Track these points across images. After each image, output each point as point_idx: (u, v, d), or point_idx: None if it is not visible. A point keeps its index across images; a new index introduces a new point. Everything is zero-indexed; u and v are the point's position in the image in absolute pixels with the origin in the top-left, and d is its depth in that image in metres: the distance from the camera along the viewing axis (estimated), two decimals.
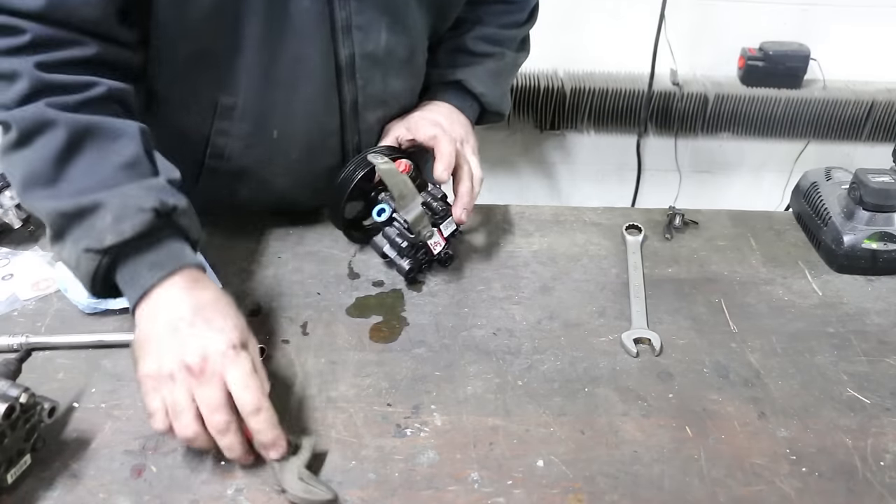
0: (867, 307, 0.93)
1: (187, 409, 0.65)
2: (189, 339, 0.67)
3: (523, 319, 0.89)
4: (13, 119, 0.73)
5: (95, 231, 0.70)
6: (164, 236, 0.73)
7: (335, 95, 0.93)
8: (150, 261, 0.72)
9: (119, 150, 0.75)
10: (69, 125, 0.73)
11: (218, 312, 0.70)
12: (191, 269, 0.72)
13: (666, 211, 1.11)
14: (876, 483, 0.69)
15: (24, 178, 0.74)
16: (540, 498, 0.67)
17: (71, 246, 0.72)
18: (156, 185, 0.74)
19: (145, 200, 0.71)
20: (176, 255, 0.73)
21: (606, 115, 2.17)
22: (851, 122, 2.15)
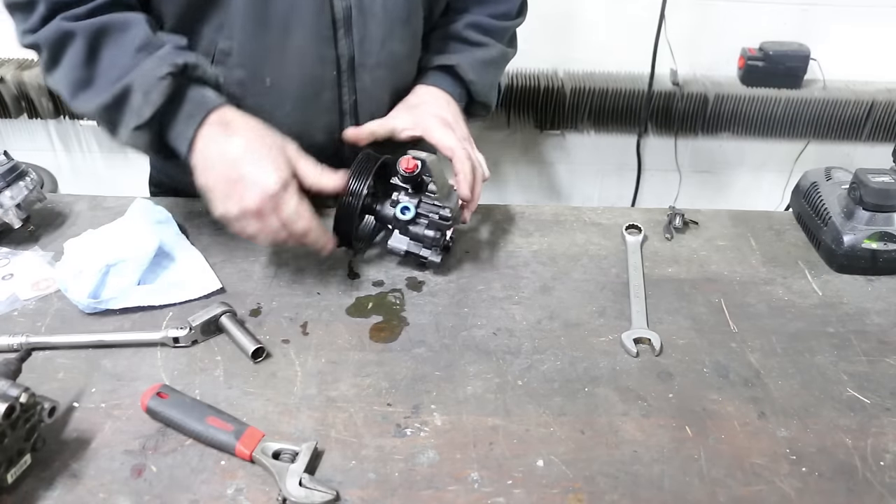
0: (867, 307, 0.93)
1: (261, 236, 0.84)
2: (242, 190, 0.81)
3: (523, 319, 0.89)
4: (40, 39, 0.86)
5: (134, 110, 0.84)
6: (187, 90, 0.86)
7: (331, 49, 0.95)
8: (185, 114, 0.85)
9: (132, 38, 0.86)
10: (84, 30, 0.85)
11: (254, 160, 0.82)
12: (219, 111, 0.86)
13: (666, 211, 1.11)
14: (876, 483, 0.69)
15: (69, 90, 0.87)
16: (540, 498, 0.67)
17: (124, 131, 0.86)
18: (164, 53, 0.85)
19: (160, 68, 0.83)
20: (201, 102, 0.86)
21: (606, 115, 2.17)
22: (851, 122, 2.15)
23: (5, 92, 2.08)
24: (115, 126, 0.87)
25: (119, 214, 0.99)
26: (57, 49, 0.86)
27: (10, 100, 2.09)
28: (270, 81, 0.96)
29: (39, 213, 1.04)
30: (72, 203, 1.08)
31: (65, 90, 0.88)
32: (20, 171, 0.98)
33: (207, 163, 0.84)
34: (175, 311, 0.88)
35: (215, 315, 0.83)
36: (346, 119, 1.03)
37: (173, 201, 1.10)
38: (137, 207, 1.02)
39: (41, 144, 2.34)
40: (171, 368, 0.80)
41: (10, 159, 0.98)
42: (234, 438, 0.69)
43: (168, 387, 0.74)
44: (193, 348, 0.82)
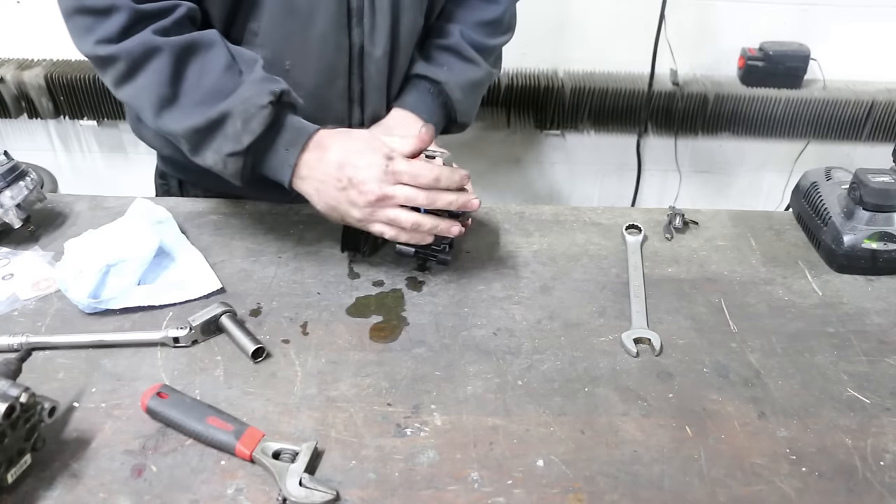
0: (867, 307, 0.93)
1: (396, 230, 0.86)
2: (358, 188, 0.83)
3: (523, 319, 0.89)
4: (121, 51, 0.84)
5: (231, 136, 0.84)
6: (285, 119, 0.87)
7: (345, 38, 0.98)
8: (285, 142, 0.87)
9: (214, 58, 0.86)
10: (172, 47, 0.84)
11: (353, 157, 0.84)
12: (315, 136, 0.87)
13: (666, 211, 1.11)
14: (876, 483, 0.69)
15: (153, 107, 0.86)
16: (540, 498, 0.67)
17: (213, 154, 0.86)
18: (258, 78, 0.86)
19: (260, 97, 0.84)
20: (300, 129, 0.88)
21: (606, 115, 2.17)
22: (851, 122, 2.15)
23: (5, 92, 2.08)
24: (202, 148, 0.87)
25: (119, 214, 0.99)
26: (138, 64, 0.85)
27: (10, 100, 2.09)
28: (290, 65, 0.97)
29: (39, 213, 1.04)
30: (72, 203, 1.08)
31: (147, 106, 0.87)
32: (20, 171, 0.98)
33: (318, 185, 0.86)
34: (175, 311, 0.88)
35: (215, 315, 0.83)
36: (354, 107, 1.06)
37: (173, 201, 1.10)
38: (137, 207, 1.02)
39: (41, 144, 2.34)
40: (171, 368, 0.80)
41: (10, 159, 0.98)
42: (234, 438, 0.69)
43: (168, 387, 0.74)
44: (193, 348, 0.82)
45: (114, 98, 2.07)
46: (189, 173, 1.15)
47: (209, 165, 0.88)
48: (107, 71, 0.87)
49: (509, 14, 1.16)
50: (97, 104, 2.11)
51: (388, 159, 0.84)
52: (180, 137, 0.88)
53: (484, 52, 1.12)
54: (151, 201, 1.06)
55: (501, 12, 1.14)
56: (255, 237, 1.02)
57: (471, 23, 1.11)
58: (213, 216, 1.07)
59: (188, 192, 1.19)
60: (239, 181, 0.89)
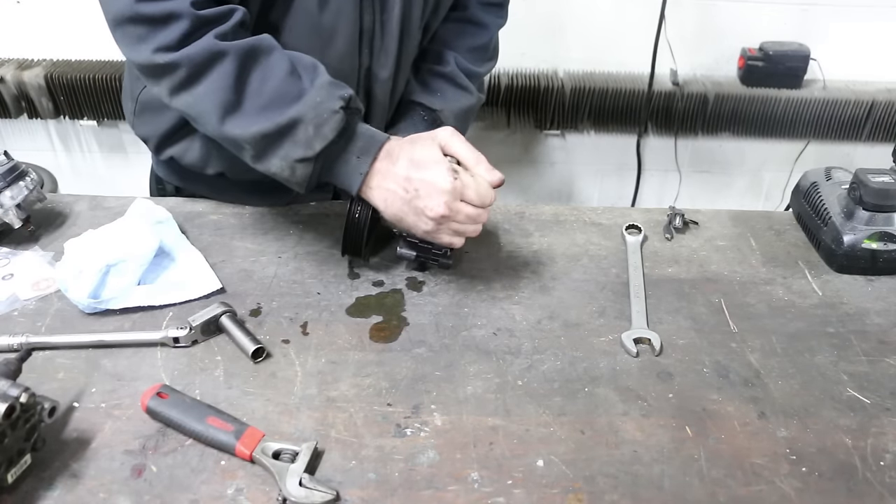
0: (867, 307, 0.93)
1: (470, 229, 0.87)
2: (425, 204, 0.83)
3: (523, 319, 0.89)
4: (183, 58, 0.82)
5: (302, 142, 0.83)
6: (354, 124, 0.86)
7: (356, 58, 0.98)
8: (358, 149, 0.86)
9: (276, 63, 0.84)
10: (235, 52, 0.82)
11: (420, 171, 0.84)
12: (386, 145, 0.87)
13: (666, 211, 1.11)
14: (876, 483, 0.69)
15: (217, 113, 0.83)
16: (540, 498, 0.67)
17: (279, 161, 0.84)
18: (327, 82, 0.85)
19: (332, 102, 0.83)
20: (372, 137, 0.87)
21: (606, 115, 2.17)
22: (851, 122, 2.15)
23: (5, 92, 2.08)
24: (268, 154, 0.85)
25: (119, 214, 0.99)
26: (200, 70, 0.82)
27: (10, 100, 2.09)
28: None
29: (39, 213, 1.04)
30: (72, 203, 1.08)
31: (210, 112, 0.84)
32: (20, 171, 0.98)
33: (386, 195, 0.86)
34: (175, 311, 0.88)
35: (215, 315, 0.83)
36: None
37: (173, 201, 1.10)
38: (137, 207, 1.02)
39: (41, 144, 2.34)
40: (171, 368, 0.80)
41: (10, 159, 0.98)
42: (234, 438, 0.69)
43: (168, 387, 0.74)
44: (193, 348, 0.82)
45: (114, 98, 2.07)
46: (187, 181, 1.14)
47: (274, 172, 0.86)
48: (163, 79, 0.85)
49: (495, 41, 1.18)
50: (97, 104, 2.11)
51: (454, 173, 0.84)
52: (245, 144, 0.85)
53: (474, 79, 1.14)
54: (151, 201, 1.06)
55: (489, 38, 1.16)
56: (255, 237, 1.02)
57: (463, 49, 1.13)
58: (213, 216, 1.07)
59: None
60: (304, 189, 0.87)
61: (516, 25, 1.21)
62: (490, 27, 1.16)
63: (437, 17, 1.09)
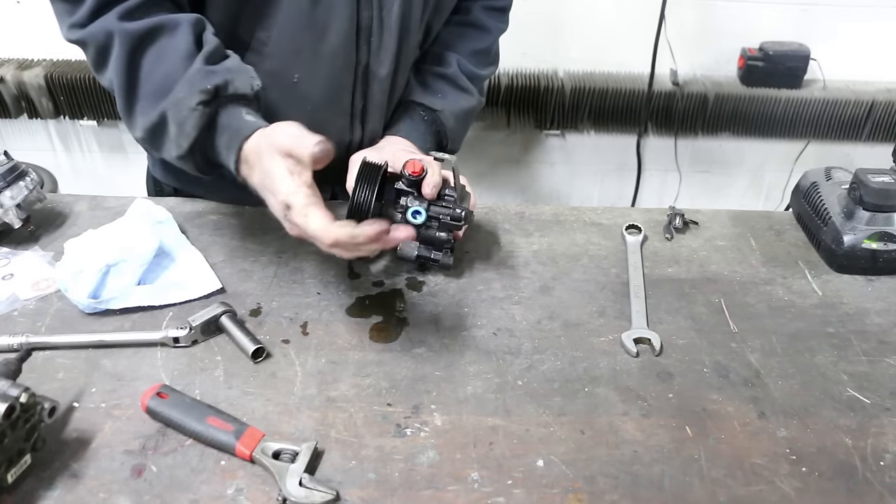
0: (867, 307, 0.93)
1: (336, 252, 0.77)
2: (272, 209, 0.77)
3: (523, 319, 0.89)
4: (87, 36, 0.81)
5: (173, 140, 0.80)
6: (220, 118, 0.81)
7: (353, 55, 0.98)
8: (223, 144, 0.81)
9: (175, 45, 0.80)
10: (128, 33, 0.79)
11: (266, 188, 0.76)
12: (245, 147, 0.79)
13: (666, 211, 1.11)
14: (876, 483, 0.69)
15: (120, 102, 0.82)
16: (540, 498, 0.67)
17: (167, 154, 0.83)
18: (194, 73, 0.79)
19: (191, 98, 0.78)
20: (236, 130, 0.80)
21: (606, 115, 2.17)
22: (851, 122, 2.15)
23: (5, 92, 2.08)
24: (158, 149, 0.84)
25: (119, 214, 0.99)
26: (102, 51, 0.81)
27: (10, 100, 2.09)
28: (298, 78, 0.97)
29: (39, 213, 1.04)
30: (72, 203, 1.08)
31: (118, 97, 0.83)
32: (20, 171, 0.98)
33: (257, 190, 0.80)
34: (175, 311, 0.88)
35: (215, 315, 0.83)
36: (356, 123, 1.06)
37: (173, 201, 1.10)
38: (137, 207, 1.02)
39: (41, 144, 2.34)
40: (171, 368, 0.80)
41: (10, 159, 0.98)
42: (234, 438, 0.69)
43: (168, 387, 0.74)
44: (193, 348, 0.82)
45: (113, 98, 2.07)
46: (183, 181, 1.14)
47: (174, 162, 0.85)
48: (87, 57, 0.85)
49: (496, 46, 1.19)
50: (97, 104, 2.11)
51: (286, 208, 0.74)
52: (137, 135, 0.84)
53: (475, 82, 1.14)
54: (151, 201, 1.06)
55: (492, 42, 1.17)
56: (255, 237, 1.02)
57: (465, 52, 1.13)
58: (213, 216, 1.07)
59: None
60: (203, 175, 0.85)
61: (516, 25, 1.21)
62: (492, 31, 1.16)
63: (439, 17, 1.09)
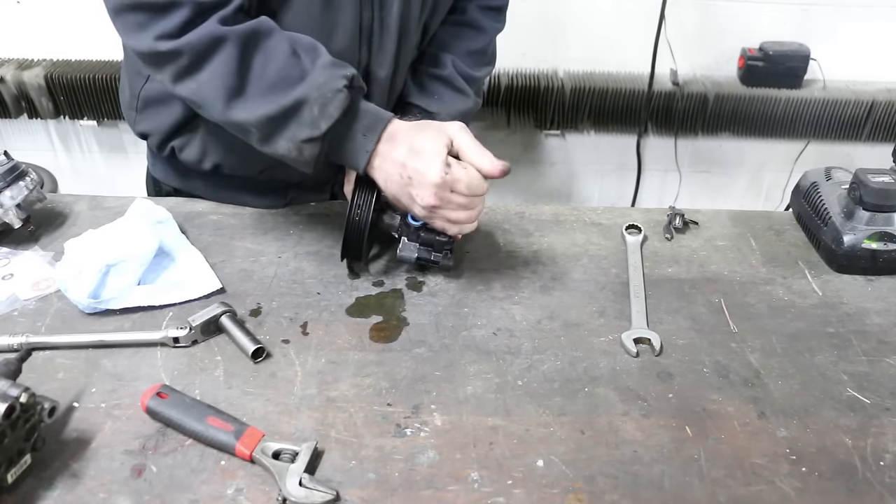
0: (867, 307, 0.93)
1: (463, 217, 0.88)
2: (417, 191, 0.85)
3: (523, 319, 0.89)
4: (185, 45, 0.82)
5: (308, 122, 0.83)
6: (359, 102, 0.87)
7: (356, 55, 0.98)
8: (363, 127, 0.86)
9: (277, 45, 0.85)
10: (236, 37, 0.83)
11: (415, 158, 0.84)
12: (389, 125, 0.87)
13: (666, 211, 1.11)
14: (876, 483, 0.69)
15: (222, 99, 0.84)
16: (540, 498, 0.67)
17: (286, 142, 0.85)
18: (328, 62, 0.85)
19: (335, 81, 0.83)
20: (376, 115, 0.88)
21: (606, 115, 2.17)
22: (851, 122, 2.15)
23: (5, 92, 2.08)
24: (275, 136, 0.86)
25: (119, 214, 0.99)
26: (202, 56, 0.83)
27: (10, 100, 2.09)
28: None
29: (39, 213, 1.04)
30: (72, 203, 1.08)
31: (214, 98, 0.85)
32: (20, 171, 0.98)
33: (386, 176, 0.87)
34: (175, 311, 0.88)
35: (215, 315, 0.83)
36: None
37: (173, 201, 1.10)
38: (137, 207, 1.02)
39: (41, 144, 2.34)
40: (171, 368, 0.80)
41: (10, 159, 0.98)
42: (234, 438, 0.69)
43: (168, 387, 0.74)
44: (193, 348, 0.82)
45: (114, 98, 2.07)
46: (184, 179, 1.14)
47: (281, 154, 0.87)
48: (165, 67, 0.85)
49: (493, 46, 1.18)
50: (97, 104, 2.11)
51: (446, 167, 0.84)
52: (251, 127, 0.86)
53: (472, 83, 1.14)
54: (151, 201, 1.06)
55: (487, 42, 1.16)
56: (255, 237, 1.02)
57: (461, 52, 1.13)
58: (213, 216, 1.07)
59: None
60: (311, 168, 0.88)
61: (516, 25, 1.21)
62: (488, 31, 1.16)
63: (436, 17, 1.08)
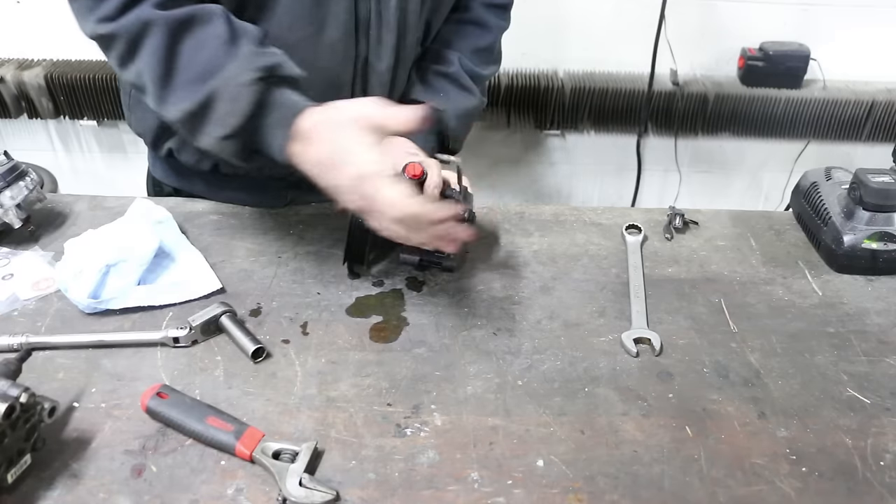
0: (867, 307, 0.93)
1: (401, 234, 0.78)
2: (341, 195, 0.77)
3: (523, 319, 0.89)
4: (119, 28, 0.80)
5: (220, 119, 0.79)
6: (272, 95, 0.80)
7: (352, 48, 0.98)
8: (274, 122, 0.79)
9: (212, 32, 0.81)
10: (167, 21, 0.79)
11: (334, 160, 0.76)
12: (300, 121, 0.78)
13: (666, 211, 1.11)
14: (876, 483, 0.69)
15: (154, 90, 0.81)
16: (540, 498, 0.67)
17: (208, 139, 0.81)
18: (246, 53, 0.80)
19: (245, 74, 0.78)
20: (288, 107, 0.80)
21: (606, 115, 2.17)
22: (851, 122, 2.15)
23: (5, 92, 2.08)
24: (197, 133, 0.82)
25: (119, 214, 0.99)
26: (136, 40, 0.80)
27: (10, 100, 2.09)
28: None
29: (39, 213, 1.04)
30: (72, 203, 1.08)
31: (148, 88, 0.82)
32: (20, 171, 0.98)
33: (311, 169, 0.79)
34: (175, 311, 0.88)
35: (215, 315, 0.83)
36: None
37: (173, 201, 1.10)
38: (137, 207, 1.02)
39: (41, 144, 2.34)
40: (171, 368, 0.80)
41: (10, 159, 0.98)
42: (234, 438, 0.69)
43: (168, 387, 0.74)
44: (193, 348, 0.82)
45: (114, 98, 2.08)
46: (184, 179, 1.14)
47: (207, 149, 0.84)
48: (110, 52, 0.84)
49: (499, 45, 1.18)
50: (97, 104, 2.11)
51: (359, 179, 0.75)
52: (175, 123, 0.83)
53: (477, 81, 1.13)
54: (151, 201, 1.06)
55: (493, 40, 1.15)
56: (255, 237, 1.02)
57: (467, 50, 1.12)
58: (213, 216, 1.07)
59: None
60: (242, 162, 0.84)
61: (517, 25, 1.21)
62: (493, 29, 1.15)
63: (439, 14, 1.08)
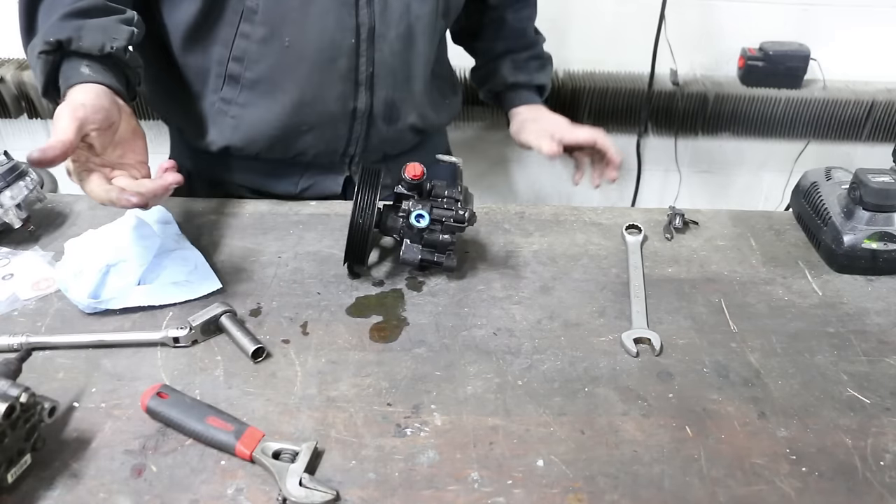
0: (867, 307, 0.93)
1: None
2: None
3: (523, 319, 0.89)
4: None
5: (36, 79, 0.86)
6: (64, 65, 0.84)
7: (352, 16, 0.97)
8: (61, 89, 0.84)
9: (66, 2, 0.85)
10: None
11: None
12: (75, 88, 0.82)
13: (666, 211, 1.11)
14: (876, 483, 0.69)
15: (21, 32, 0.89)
16: (540, 498, 0.67)
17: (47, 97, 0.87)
18: (49, 26, 0.85)
19: (37, 45, 0.84)
20: (66, 79, 0.84)
21: (606, 115, 2.17)
22: (851, 122, 2.15)
23: (5, 92, 2.08)
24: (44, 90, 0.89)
25: (119, 214, 0.99)
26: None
27: (10, 100, 2.09)
28: (289, 42, 0.97)
29: (39, 213, 1.04)
30: (72, 203, 1.08)
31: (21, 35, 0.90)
32: (20, 171, 0.98)
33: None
34: (175, 311, 0.88)
35: (215, 315, 0.83)
36: (362, 90, 1.05)
37: (173, 201, 1.10)
38: None
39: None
40: (171, 368, 0.80)
41: (10, 159, 0.98)
42: (234, 438, 0.69)
43: (168, 387, 0.74)
44: (193, 348, 0.82)
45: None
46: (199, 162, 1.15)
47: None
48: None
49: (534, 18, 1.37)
50: None
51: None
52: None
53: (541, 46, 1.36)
54: None
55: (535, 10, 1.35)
56: (255, 237, 1.02)
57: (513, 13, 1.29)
58: (213, 216, 1.07)
59: (195, 184, 1.18)
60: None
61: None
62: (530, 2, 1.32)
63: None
